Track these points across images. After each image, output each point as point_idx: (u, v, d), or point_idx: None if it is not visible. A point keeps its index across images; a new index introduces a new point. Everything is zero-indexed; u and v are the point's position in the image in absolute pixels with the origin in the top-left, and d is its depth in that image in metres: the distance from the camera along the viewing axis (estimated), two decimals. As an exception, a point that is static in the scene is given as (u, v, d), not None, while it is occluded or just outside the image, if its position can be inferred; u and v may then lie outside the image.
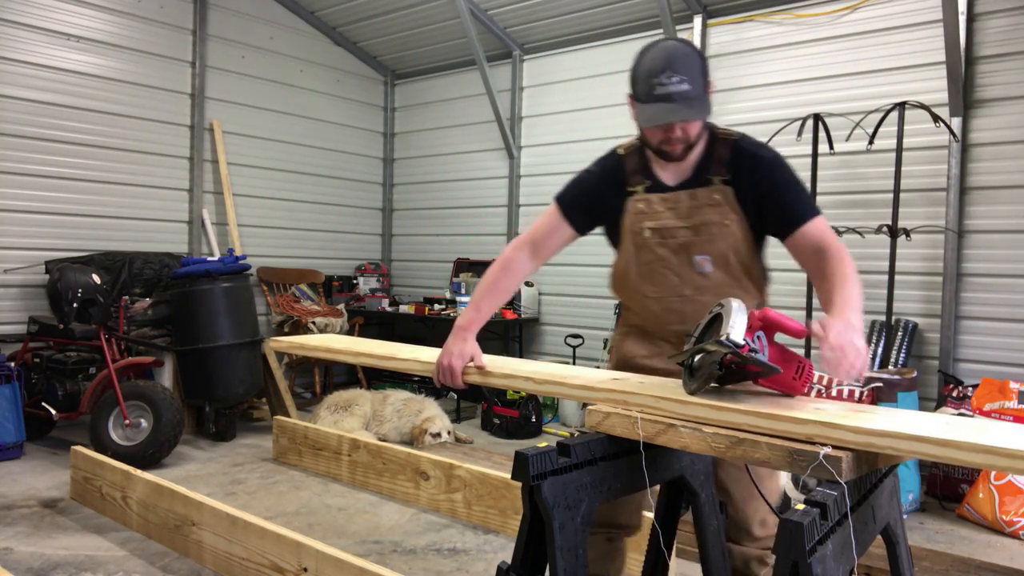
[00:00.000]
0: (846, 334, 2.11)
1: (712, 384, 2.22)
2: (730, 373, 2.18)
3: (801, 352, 5.64)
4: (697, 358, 2.18)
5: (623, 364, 2.88)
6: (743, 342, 2.02)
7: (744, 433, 2.00)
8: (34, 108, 7.00)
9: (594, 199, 2.83)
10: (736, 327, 2.05)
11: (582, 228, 2.89)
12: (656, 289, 2.76)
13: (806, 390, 2.20)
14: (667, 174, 2.71)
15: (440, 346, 2.87)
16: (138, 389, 5.99)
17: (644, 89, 2.52)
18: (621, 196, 2.76)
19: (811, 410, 2.03)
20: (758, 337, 2.11)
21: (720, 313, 2.16)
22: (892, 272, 5.95)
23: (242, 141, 8.61)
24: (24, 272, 6.91)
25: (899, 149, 5.88)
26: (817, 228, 2.56)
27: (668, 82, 2.46)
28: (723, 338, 2.03)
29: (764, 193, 2.60)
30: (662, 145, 2.60)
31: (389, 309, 9.17)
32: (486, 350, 2.78)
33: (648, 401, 2.21)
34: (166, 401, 5.93)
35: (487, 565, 4.26)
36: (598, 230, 2.95)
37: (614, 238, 2.88)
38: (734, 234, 2.63)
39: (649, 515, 2.56)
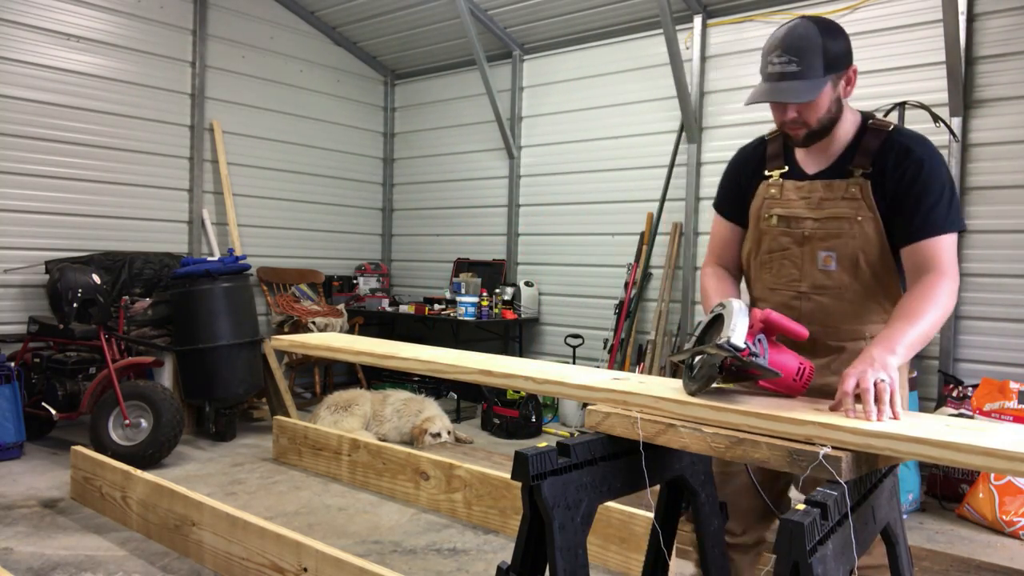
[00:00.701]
0: (865, 375, 2.05)
1: (714, 384, 2.22)
2: (731, 373, 2.18)
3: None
4: (697, 359, 2.18)
5: None
6: (743, 346, 2.02)
7: (744, 433, 2.01)
8: (34, 108, 6.99)
9: (736, 187, 2.75)
10: (737, 330, 2.04)
11: (742, 220, 2.76)
12: (774, 280, 2.64)
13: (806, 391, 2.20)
14: (808, 162, 2.58)
15: (440, 345, 2.82)
16: (138, 389, 5.98)
17: (761, 67, 2.45)
18: (757, 180, 2.67)
19: (810, 411, 2.04)
20: (759, 340, 2.10)
21: (721, 314, 2.16)
22: (893, 272, 5.91)
23: (242, 141, 8.61)
24: (24, 272, 6.90)
25: None
26: (932, 249, 2.35)
27: (777, 62, 2.37)
28: (723, 341, 2.03)
29: (902, 192, 2.40)
30: (783, 128, 2.52)
31: (389, 309, 9.17)
32: (485, 350, 2.79)
33: (648, 401, 2.22)
34: (166, 401, 5.92)
35: (487, 565, 4.25)
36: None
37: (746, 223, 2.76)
38: (866, 234, 2.45)
39: (645, 513, 2.54)
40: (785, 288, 2.61)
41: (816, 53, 2.34)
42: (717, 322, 2.17)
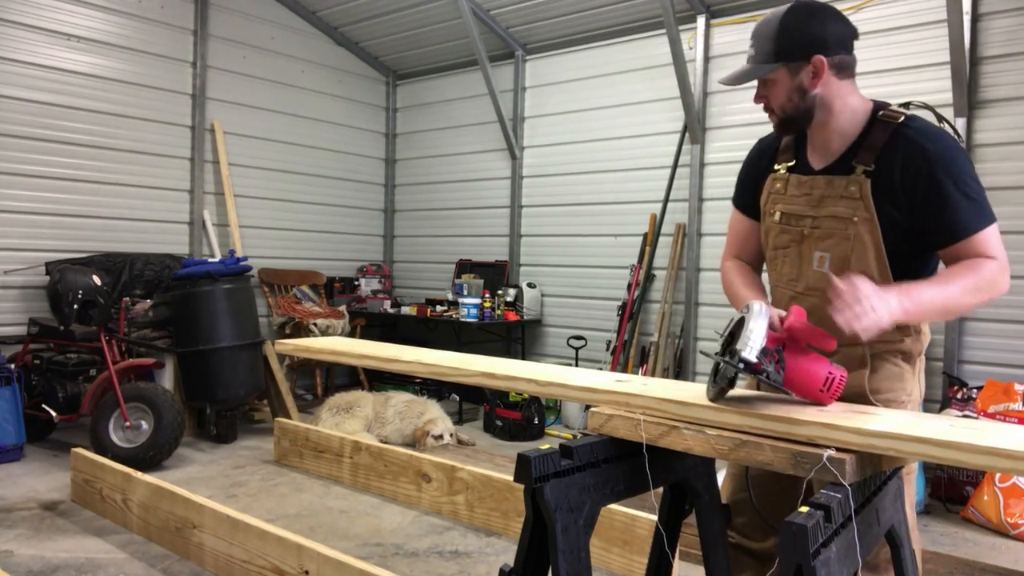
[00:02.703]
0: (864, 289, 2.01)
1: (745, 390, 2.20)
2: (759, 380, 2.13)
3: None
4: (720, 368, 2.14)
5: None
6: (755, 360, 1.97)
7: (747, 435, 1.99)
8: (35, 109, 6.99)
9: (751, 181, 2.67)
10: (752, 342, 1.98)
11: (757, 214, 2.68)
12: (776, 278, 2.59)
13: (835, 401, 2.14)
14: (816, 156, 2.47)
15: (441, 348, 2.81)
16: (139, 391, 5.97)
17: None
18: (768, 173, 2.59)
19: (813, 411, 2.02)
20: (776, 352, 2.04)
21: (745, 317, 2.09)
22: (896, 273, 5.88)
23: (243, 142, 8.60)
24: (24, 273, 6.89)
25: None
26: (976, 247, 2.23)
27: (747, 47, 2.43)
28: (735, 356, 1.99)
29: (920, 195, 2.25)
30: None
31: (391, 311, 9.15)
32: (488, 352, 2.78)
33: (651, 403, 2.20)
34: (167, 403, 5.92)
35: (489, 568, 4.25)
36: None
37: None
38: (860, 236, 2.32)
39: (648, 516, 2.55)
40: (785, 287, 2.55)
41: (769, 40, 2.33)
42: (743, 325, 2.10)
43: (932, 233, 2.27)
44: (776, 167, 2.56)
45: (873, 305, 2.00)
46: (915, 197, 2.25)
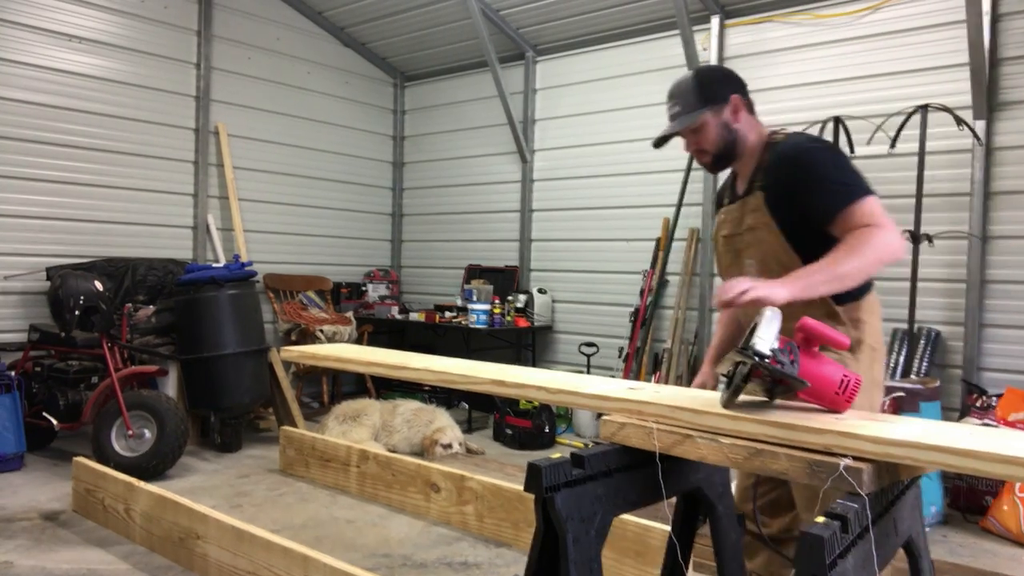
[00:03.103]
0: (734, 282, 2.36)
1: (760, 398, 2.22)
2: (769, 387, 2.16)
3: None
4: (734, 368, 2.18)
5: None
6: (768, 353, 2.01)
7: (762, 444, 2.02)
8: (36, 111, 6.97)
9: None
10: (763, 338, 2.03)
11: None
12: None
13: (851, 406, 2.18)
14: (740, 183, 2.95)
15: (450, 355, 2.93)
16: (141, 399, 5.95)
17: None
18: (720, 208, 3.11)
19: (829, 420, 2.05)
20: (789, 348, 2.08)
21: (758, 321, 2.15)
22: (914, 279, 5.89)
23: (248, 144, 8.58)
24: (25, 279, 6.87)
25: (922, 152, 5.86)
26: (851, 220, 2.57)
27: (668, 109, 2.92)
28: (748, 349, 2.03)
29: (798, 192, 2.68)
30: (698, 161, 3.00)
31: (399, 317, 9.13)
32: (497, 359, 2.79)
33: (664, 411, 2.23)
34: (170, 411, 5.89)
35: (500, 581, 4.24)
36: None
37: None
38: (767, 240, 2.76)
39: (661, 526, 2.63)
40: None
41: (691, 92, 2.87)
42: (755, 331, 2.16)
43: (815, 219, 2.64)
44: (723, 203, 3.07)
45: (742, 287, 2.32)
46: (795, 196, 2.68)
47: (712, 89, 2.86)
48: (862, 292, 2.72)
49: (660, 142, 2.99)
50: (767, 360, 1.99)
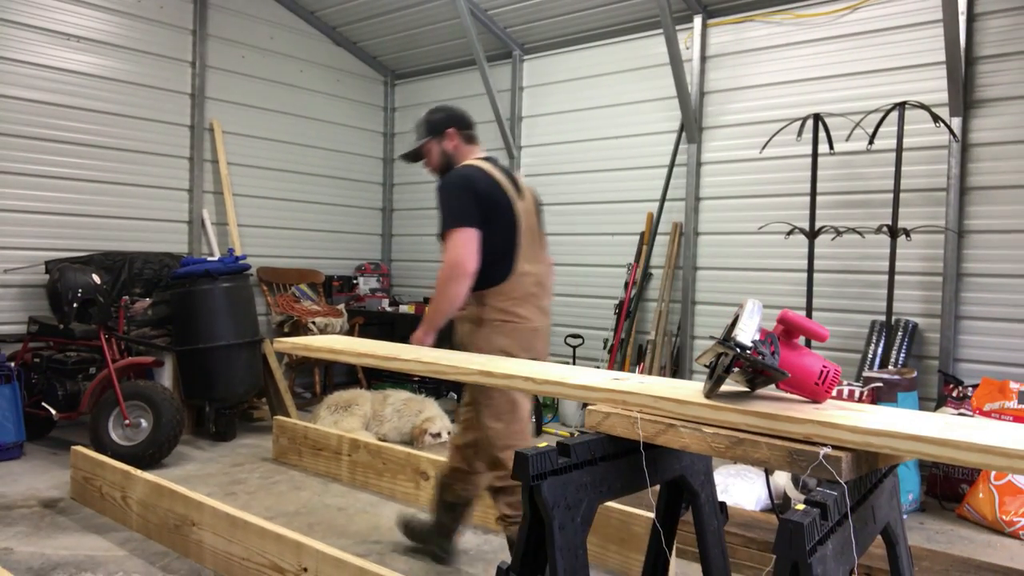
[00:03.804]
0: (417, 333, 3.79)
1: (742, 388, 2.22)
2: (751, 378, 2.17)
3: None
4: (716, 359, 2.17)
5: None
6: (750, 344, 2.00)
7: (744, 433, 2.00)
8: (34, 108, 7.00)
9: None
10: (745, 329, 2.04)
11: None
12: None
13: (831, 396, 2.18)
14: None
15: (439, 347, 3.47)
16: (138, 389, 5.98)
17: None
18: None
19: (809, 410, 2.04)
20: (770, 339, 2.08)
21: (739, 314, 2.15)
22: (892, 272, 5.93)
23: (242, 141, 8.61)
24: (24, 272, 6.90)
25: (899, 149, 5.86)
26: (444, 242, 3.71)
27: (413, 134, 4.16)
28: (730, 340, 2.02)
29: None
30: None
31: (389, 309, 9.17)
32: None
33: (648, 401, 2.22)
34: (166, 401, 5.92)
35: (487, 565, 4.26)
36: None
37: None
38: None
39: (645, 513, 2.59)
40: None
41: (423, 124, 4.07)
42: (736, 322, 2.15)
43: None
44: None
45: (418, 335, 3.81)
46: None
47: (434, 122, 4.00)
48: (488, 283, 3.70)
49: (407, 159, 4.20)
50: (748, 351, 1.99)
